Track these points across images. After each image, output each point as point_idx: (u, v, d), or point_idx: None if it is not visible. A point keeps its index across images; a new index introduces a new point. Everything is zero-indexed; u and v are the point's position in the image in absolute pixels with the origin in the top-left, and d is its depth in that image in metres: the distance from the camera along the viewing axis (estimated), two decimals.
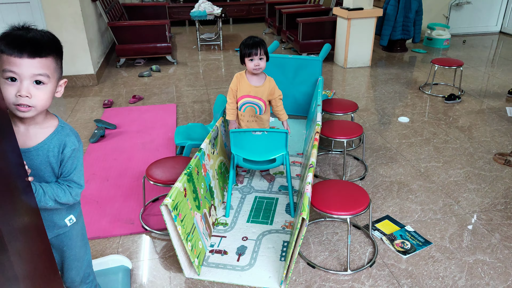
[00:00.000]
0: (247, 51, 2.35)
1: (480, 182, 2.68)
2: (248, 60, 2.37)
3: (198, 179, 2.11)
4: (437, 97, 4.14)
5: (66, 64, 4.76)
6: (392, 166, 2.88)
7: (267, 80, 2.48)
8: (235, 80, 2.50)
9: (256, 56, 2.35)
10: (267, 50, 2.40)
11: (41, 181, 1.27)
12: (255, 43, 2.35)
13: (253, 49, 2.34)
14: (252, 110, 2.50)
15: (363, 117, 3.70)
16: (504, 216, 2.34)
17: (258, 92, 2.46)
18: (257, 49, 2.34)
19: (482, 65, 5.18)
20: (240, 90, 2.48)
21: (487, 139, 3.25)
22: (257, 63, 2.36)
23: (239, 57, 2.45)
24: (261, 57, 2.37)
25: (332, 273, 1.96)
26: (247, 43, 2.37)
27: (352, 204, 1.92)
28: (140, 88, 4.55)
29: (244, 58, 2.39)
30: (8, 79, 1.14)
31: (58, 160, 1.29)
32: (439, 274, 1.94)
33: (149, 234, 2.26)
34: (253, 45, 2.34)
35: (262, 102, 2.48)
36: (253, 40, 2.37)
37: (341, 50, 5.18)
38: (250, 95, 2.46)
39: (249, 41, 2.37)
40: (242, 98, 2.48)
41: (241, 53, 2.40)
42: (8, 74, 1.13)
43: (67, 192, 1.30)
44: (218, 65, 5.40)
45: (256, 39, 2.38)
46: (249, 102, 2.48)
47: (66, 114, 3.89)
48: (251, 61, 2.37)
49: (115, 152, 3.13)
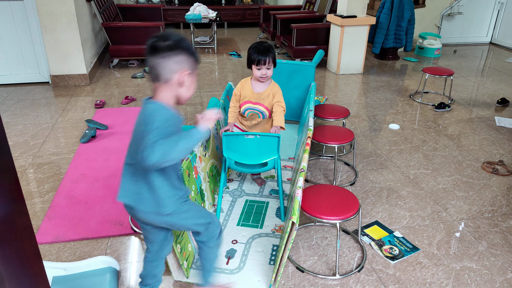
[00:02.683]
0: (255, 58, 2.30)
1: (468, 189, 2.72)
2: (256, 68, 2.34)
3: (189, 181, 2.11)
4: (427, 105, 4.20)
5: (58, 63, 4.74)
6: (382, 172, 2.91)
7: (270, 85, 2.46)
8: (239, 86, 2.49)
9: (264, 65, 2.31)
10: (275, 57, 2.36)
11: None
12: (265, 50, 2.28)
13: (262, 58, 2.28)
14: (255, 115, 2.51)
15: (355, 123, 3.73)
16: (491, 224, 2.38)
17: (259, 99, 2.45)
18: (266, 58, 2.29)
19: (472, 74, 5.27)
20: (243, 96, 2.48)
21: (476, 148, 3.29)
22: (264, 73, 2.34)
23: (246, 61, 2.42)
24: (269, 67, 2.34)
25: (320, 277, 1.97)
26: (257, 49, 2.29)
27: (342, 209, 1.94)
28: (133, 89, 4.54)
29: (252, 65, 2.35)
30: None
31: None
32: (426, 280, 1.96)
33: (138, 235, 2.25)
34: (263, 53, 2.28)
35: (264, 108, 2.47)
36: (263, 46, 2.30)
37: (334, 56, 5.23)
38: (251, 101, 2.47)
39: (259, 47, 2.30)
40: (244, 104, 2.49)
41: (249, 58, 2.36)
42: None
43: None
44: (211, 69, 5.41)
45: (266, 46, 2.31)
46: (250, 108, 2.48)
47: (57, 113, 3.87)
48: (259, 70, 2.34)
49: (106, 153, 3.11)
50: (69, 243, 2.19)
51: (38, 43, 4.49)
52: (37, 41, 4.48)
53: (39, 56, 4.57)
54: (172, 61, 1.32)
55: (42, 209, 2.47)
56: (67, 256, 2.09)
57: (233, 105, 2.51)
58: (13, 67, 4.57)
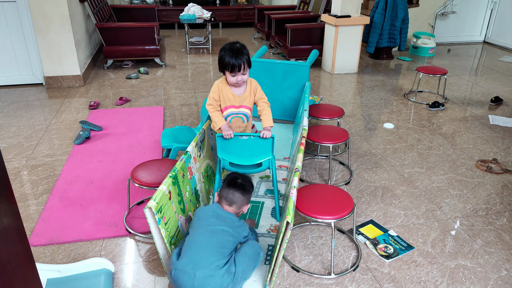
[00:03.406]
0: (229, 64, 2.12)
1: (462, 188, 2.73)
2: (230, 75, 2.18)
3: (184, 182, 2.10)
4: (422, 104, 4.21)
5: (52, 64, 4.72)
6: (376, 172, 2.92)
7: (248, 83, 2.30)
8: (216, 89, 2.28)
9: (239, 72, 2.16)
10: (249, 59, 2.17)
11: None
12: (238, 53, 2.10)
13: (236, 63, 2.11)
14: (238, 121, 2.37)
15: (349, 122, 3.74)
16: (485, 222, 2.39)
17: (243, 100, 2.31)
18: (240, 62, 2.12)
19: (466, 73, 5.29)
20: (223, 100, 2.30)
21: (470, 146, 3.31)
22: (240, 79, 2.19)
23: (218, 64, 2.22)
24: (244, 72, 2.17)
25: (316, 277, 1.97)
26: (229, 53, 2.11)
27: (337, 209, 1.94)
28: (128, 90, 4.53)
29: (225, 70, 2.18)
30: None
31: None
32: (421, 279, 1.97)
33: (133, 237, 2.24)
34: (236, 57, 2.10)
35: (247, 109, 2.34)
36: (235, 48, 2.11)
37: (328, 56, 5.24)
38: (234, 105, 2.30)
39: (231, 50, 2.11)
40: (226, 109, 2.31)
41: (220, 62, 2.18)
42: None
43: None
44: (206, 69, 5.40)
45: (238, 47, 2.13)
46: (234, 113, 2.33)
47: (51, 114, 3.85)
48: (233, 77, 2.18)
49: (100, 154, 3.10)
50: (63, 245, 2.17)
51: (31, 44, 4.47)
52: (31, 42, 4.45)
53: (32, 58, 4.54)
54: (246, 198, 1.96)
55: (36, 211, 2.45)
56: (61, 258, 2.08)
57: (217, 112, 2.30)
58: (6, 68, 4.54)
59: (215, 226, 1.80)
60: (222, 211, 1.88)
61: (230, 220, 1.85)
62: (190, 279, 1.66)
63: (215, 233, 1.77)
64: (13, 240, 1.05)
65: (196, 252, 1.72)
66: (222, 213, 1.87)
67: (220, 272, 1.68)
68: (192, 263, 1.68)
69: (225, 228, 1.79)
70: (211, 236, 1.76)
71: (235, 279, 1.72)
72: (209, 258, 1.69)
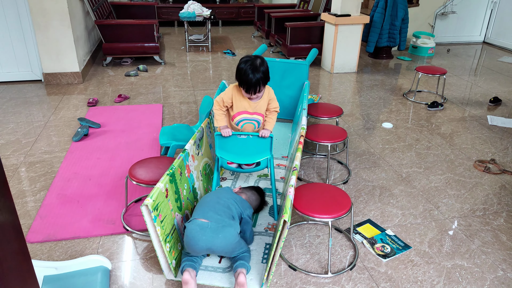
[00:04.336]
0: (244, 87, 2.14)
1: (460, 188, 2.74)
2: (245, 92, 2.21)
3: (181, 180, 2.10)
4: (421, 104, 4.21)
5: (51, 61, 4.71)
6: (374, 171, 2.92)
7: (266, 91, 2.30)
8: (229, 93, 2.26)
9: (255, 93, 2.18)
10: (267, 74, 2.16)
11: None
12: (256, 81, 2.09)
13: (251, 89, 2.13)
14: (250, 126, 2.36)
15: (348, 122, 3.74)
16: (482, 222, 2.39)
17: (257, 108, 2.30)
18: (256, 87, 2.13)
19: (465, 73, 5.30)
20: (236, 106, 2.29)
21: (468, 146, 3.32)
22: (255, 97, 2.21)
23: (235, 74, 2.19)
24: (260, 90, 2.19)
25: (312, 275, 1.97)
26: (246, 75, 2.09)
27: (334, 208, 1.94)
28: (126, 88, 4.52)
29: (240, 86, 2.19)
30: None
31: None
32: (417, 278, 1.97)
33: (130, 235, 2.24)
34: (254, 84, 2.10)
35: (261, 116, 2.33)
36: (253, 68, 2.08)
37: (328, 55, 5.24)
38: (248, 111, 2.30)
39: (247, 72, 2.09)
40: (239, 114, 2.31)
41: (238, 75, 2.17)
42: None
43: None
44: (206, 67, 5.39)
45: (256, 67, 2.09)
46: (247, 119, 2.33)
47: (49, 111, 3.84)
48: (248, 94, 2.21)
49: (98, 151, 3.10)
50: (60, 242, 2.17)
51: (30, 41, 4.45)
52: (30, 38, 4.44)
53: (31, 54, 4.53)
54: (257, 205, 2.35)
55: (34, 208, 2.45)
56: (58, 255, 2.08)
57: (221, 111, 2.31)
58: (5, 65, 4.53)
59: (224, 195, 2.04)
60: (234, 193, 2.13)
61: (239, 198, 2.08)
62: (203, 228, 1.81)
63: (223, 198, 2.01)
64: (9, 237, 1.05)
65: (206, 206, 1.94)
66: (234, 194, 2.11)
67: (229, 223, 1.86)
68: (203, 214, 1.89)
69: (233, 199, 2.02)
70: (219, 197, 2.01)
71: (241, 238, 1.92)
72: (218, 212, 1.90)
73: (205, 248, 1.82)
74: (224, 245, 1.83)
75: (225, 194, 2.07)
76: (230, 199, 2.02)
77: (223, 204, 1.95)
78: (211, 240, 1.80)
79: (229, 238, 1.83)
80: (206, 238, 1.79)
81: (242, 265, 1.85)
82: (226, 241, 1.83)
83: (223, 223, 1.85)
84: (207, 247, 1.81)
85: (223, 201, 1.98)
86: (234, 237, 1.85)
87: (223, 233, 1.82)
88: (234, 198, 2.05)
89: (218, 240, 1.81)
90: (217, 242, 1.81)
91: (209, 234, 1.80)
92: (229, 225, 1.85)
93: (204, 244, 1.80)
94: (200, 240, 1.79)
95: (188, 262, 1.85)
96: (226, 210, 1.93)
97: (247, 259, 1.91)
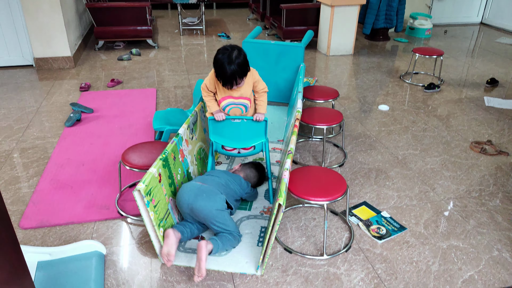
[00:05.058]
0: (220, 81, 2.06)
1: (456, 169, 2.73)
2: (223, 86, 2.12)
3: (175, 164, 2.08)
4: (417, 86, 4.18)
5: (42, 46, 4.62)
6: (371, 154, 2.90)
7: (249, 74, 2.16)
8: (212, 79, 2.15)
9: (231, 88, 2.10)
10: (245, 67, 2.05)
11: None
12: (231, 75, 2.00)
13: (227, 83, 2.05)
14: (237, 111, 2.26)
15: (344, 104, 3.71)
16: (478, 203, 2.39)
17: (242, 92, 2.20)
18: (232, 82, 2.05)
19: (462, 55, 5.25)
20: (220, 91, 2.18)
21: (464, 128, 3.30)
22: (235, 88, 2.13)
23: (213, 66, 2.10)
24: (238, 83, 2.09)
25: (308, 258, 1.97)
26: (221, 70, 2.00)
27: (330, 191, 1.93)
28: (119, 72, 4.45)
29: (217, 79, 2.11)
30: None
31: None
32: (413, 259, 1.97)
33: (125, 219, 2.22)
34: (229, 79, 2.02)
35: (247, 100, 2.24)
36: (228, 68, 1.99)
37: (324, 37, 5.16)
38: (232, 96, 2.20)
39: (223, 68, 1.99)
40: (224, 99, 2.19)
41: (214, 70, 2.08)
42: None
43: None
44: (200, 50, 5.31)
45: (232, 68, 1.99)
46: (233, 103, 2.23)
47: (41, 97, 3.78)
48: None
49: (91, 137, 3.06)
50: (54, 228, 2.16)
51: (20, 25, 4.35)
52: (19, 23, 4.34)
53: (21, 39, 4.43)
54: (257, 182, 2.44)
55: (27, 194, 2.42)
56: (52, 241, 2.07)
57: (209, 97, 2.22)
58: None
59: (222, 175, 2.15)
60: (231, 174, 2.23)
61: (237, 178, 2.20)
62: (193, 187, 1.96)
63: (224, 176, 2.14)
64: None
65: (206, 176, 2.11)
66: (233, 174, 2.23)
67: (220, 197, 1.96)
68: (201, 179, 2.06)
69: (233, 179, 2.15)
70: (220, 174, 2.15)
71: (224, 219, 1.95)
72: (215, 183, 2.03)
73: (187, 204, 1.92)
74: (204, 206, 1.90)
75: (223, 174, 2.17)
76: (232, 179, 2.16)
77: (225, 181, 2.11)
78: (194, 198, 1.91)
79: (212, 201, 1.92)
80: (190, 195, 1.92)
81: (213, 240, 1.87)
82: (208, 203, 1.91)
83: (214, 190, 1.97)
84: (188, 204, 1.92)
85: (225, 178, 2.13)
86: (217, 203, 1.93)
87: (207, 194, 1.93)
88: (235, 180, 2.17)
89: (201, 199, 1.91)
90: (199, 201, 1.90)
91: (195, 192, 1.93)
92: (218, 194, 1.96)
93: (187, 199, 1.92)
94: (186, 194, 1.94)
95: (176, 225, 1.98)
96: (224, 188, 2.06)
97: (226, 241, 1.91)
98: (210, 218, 1.91)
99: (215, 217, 1.91)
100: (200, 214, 1.91)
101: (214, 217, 1.91)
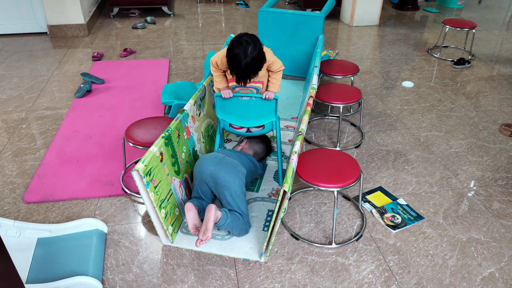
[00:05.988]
0: (234, 76, 1.94)
1: (483, 154, 2.53)
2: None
3: (179, 142, 1.98)
4: (446, 60, 3.90)
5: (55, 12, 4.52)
6: (390, 134, 2.73)
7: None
8: (224, 60, 1.95)
9: (245, 84, 1.99)
10: (261, 58, 1.91)
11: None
12: (245, 73, 1.88)
13: (241, 80, 1.93)
14: (248, 92, 2.10)
15: (365, 80, 3.50)
16: (504, 192, 2.21)
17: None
18: (246, 80, 1.93)
19: (496, 28, 4.86)
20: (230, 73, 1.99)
21: (494, 108, 3.06)
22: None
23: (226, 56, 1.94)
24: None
25: (316, 246, 1.87)
26: (236, 65, 1.87)
27: (341, 176, 1.79)
28: (133, 41, 4.33)
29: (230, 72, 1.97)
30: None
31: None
32: (428, 252, 1.84)
33: (129, 197, 2.16)
34: (243, 76, 1.91)
35: (259, 84, 2.08)
36: (243, 66, 1.85)
37: (347, 6, 4.86)
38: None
39: (237, 66, 1.86)
40: (233, 80, 2.02)
41: (227, 63, 1.93)
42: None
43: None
44: (217, 19, 5.11)
45: (246, 65, 1.84)
46: (243, 87, 2.08)
47: (53, 66, 3.71)
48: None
49: (100, 109, 2.98)
50: (57, 203, 2.12)
51: None
52: None
53: (35, 6, 4.34)
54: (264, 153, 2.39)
55: (33, 166, 2.39)
56: (54, 217, 2.03)
57: (218, 73, 2.07)
58: (9, 16, 4.36)
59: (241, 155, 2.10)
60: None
61: (251, 159, 2.15)
62: (215, 157, 1.93)
63: (241, 157, 2.08)
64: None
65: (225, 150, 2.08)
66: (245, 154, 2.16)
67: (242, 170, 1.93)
68: (223, 151, 2.04)
69: (248, 160, 2.11)
70: (233, 154, 2.05)
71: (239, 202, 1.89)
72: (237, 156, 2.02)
73: (209, 173, 1.86)
74: (229, 175, 1.86)
75: (231, 153, 2.08)
76: (246, 158, 2.11)
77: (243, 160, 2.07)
78: (218, 166, 1.87)
79: (235, 173, 1.88)
80: (214, 164, 1.88)
81: (223, 211, 1.80)
82: (232, 171, 1.87)
83: (238, 163, 1.95)
84: (211, 172, 1.86)
85: (243, 158, 2.09)
86: (240, 173, 1.90)
87: (231, 164, 1.90)
88: (249, 159, 2.12)
89: (225, 167, 1.87)
90: (223, 169, 1.86)
91: (220, 161, 1.90)
92: (240, 166, 1.94)
93: (210, 169, 1.87)
94: (209, 162, 1.89)
95: (194, 199, 1.91)
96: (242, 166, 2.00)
97: (235, 219, 1.82)
98: (228, 188, 1.84)
99: (235, 189, 1.85)
100: (222, 181, 1.85)
101: (234, 189, 1.85)
